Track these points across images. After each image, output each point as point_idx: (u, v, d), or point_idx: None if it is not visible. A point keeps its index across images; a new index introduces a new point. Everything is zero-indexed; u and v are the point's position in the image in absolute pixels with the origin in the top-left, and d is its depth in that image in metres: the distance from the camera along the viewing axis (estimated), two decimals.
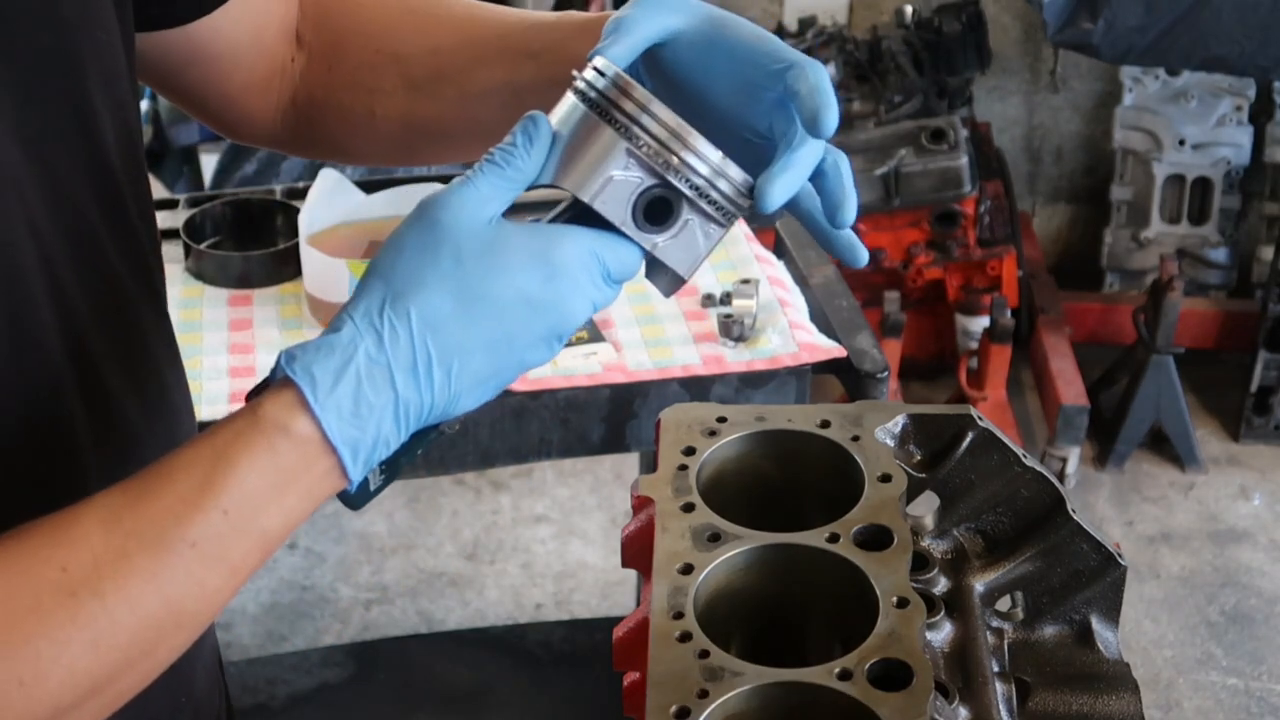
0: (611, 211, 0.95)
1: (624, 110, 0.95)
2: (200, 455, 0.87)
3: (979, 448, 1.17)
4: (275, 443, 0.86)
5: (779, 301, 2.07)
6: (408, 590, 3.31)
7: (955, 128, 3.58)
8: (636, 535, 1.10)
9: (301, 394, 0.86)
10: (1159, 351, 3.54)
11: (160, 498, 0.85)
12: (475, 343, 0.90)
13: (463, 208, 0.90)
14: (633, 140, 0.95)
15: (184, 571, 0.84)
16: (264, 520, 0.87)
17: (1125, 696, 1.14)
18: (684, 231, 0.97)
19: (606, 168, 0.95)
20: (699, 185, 0.96)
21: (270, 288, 2.18)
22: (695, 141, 0.95)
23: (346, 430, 0.87)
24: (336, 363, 0.87)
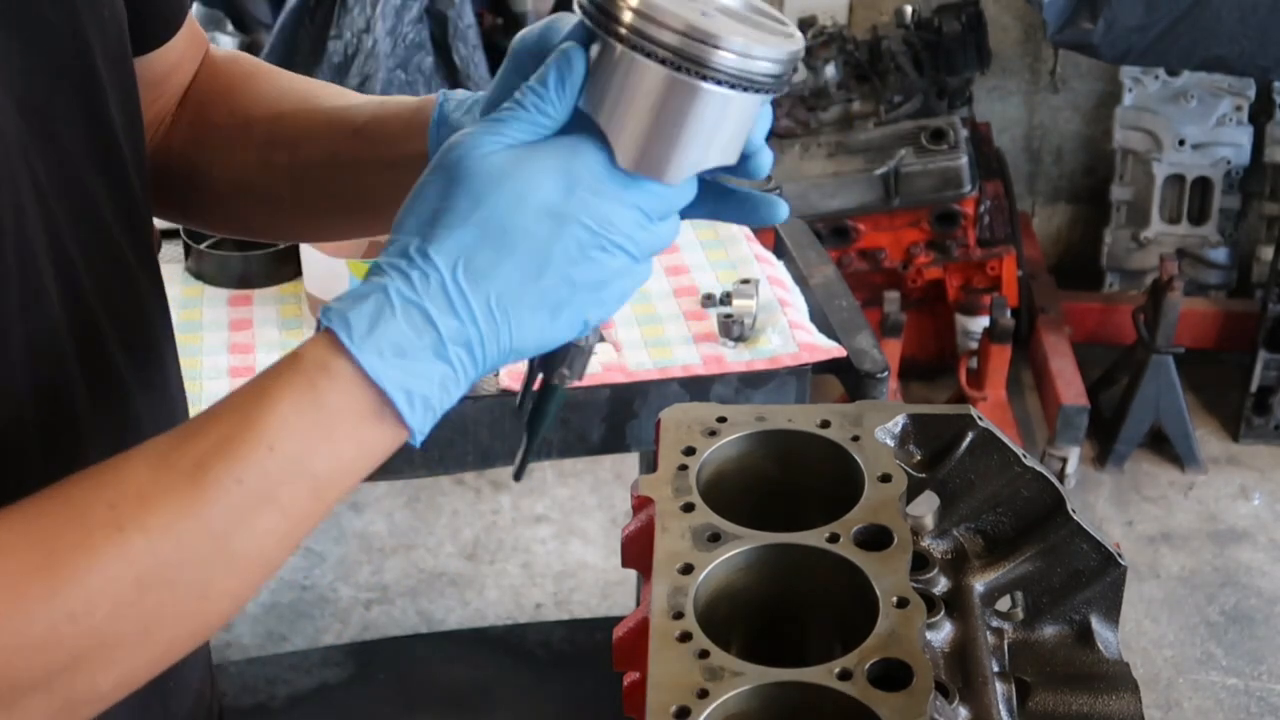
0: None
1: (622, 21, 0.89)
2: (243, 396, 0.87)
3: (979, 448, 1.17)
4: (315, 380, 0.86)
5: (779, 301, 2.07)
6: (408, 590, 3.31)
7: (955, 128, 3.58)
8: (636, 535, 1.10)
9: (337, 338, 0.86)
10: (1159, 351, 3.54)
11: (205, 435, 0.85)
12: (510, 269, 0.89)
13: (478, 146, 0.90)
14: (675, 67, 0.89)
15: (229, 507, 0.84)
16: (312, 462, 0.86)
17: (1125, 696, 1.14)
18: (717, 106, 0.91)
19: (630, 88, 0.90)
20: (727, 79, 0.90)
21: (270, 288, 2.18)
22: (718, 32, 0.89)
23: (390, 371, 0.86)
24: (370, 307, 0.87)
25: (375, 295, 0.87)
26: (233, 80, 1.21)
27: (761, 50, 0.91)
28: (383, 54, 3.21)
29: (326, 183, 1.14)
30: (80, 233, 0.98)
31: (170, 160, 1.18)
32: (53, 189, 0.96)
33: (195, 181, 1.19)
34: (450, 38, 3.31)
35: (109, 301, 1.02)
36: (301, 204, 1.18)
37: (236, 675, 2.70)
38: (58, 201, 0.96)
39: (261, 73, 1.23)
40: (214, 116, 1.19)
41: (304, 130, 1.16)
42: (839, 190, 3.54)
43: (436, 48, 3.33)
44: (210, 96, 1.20)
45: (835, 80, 3.85)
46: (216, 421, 0.86)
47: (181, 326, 2.10)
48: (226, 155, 1.18)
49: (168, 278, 2.24)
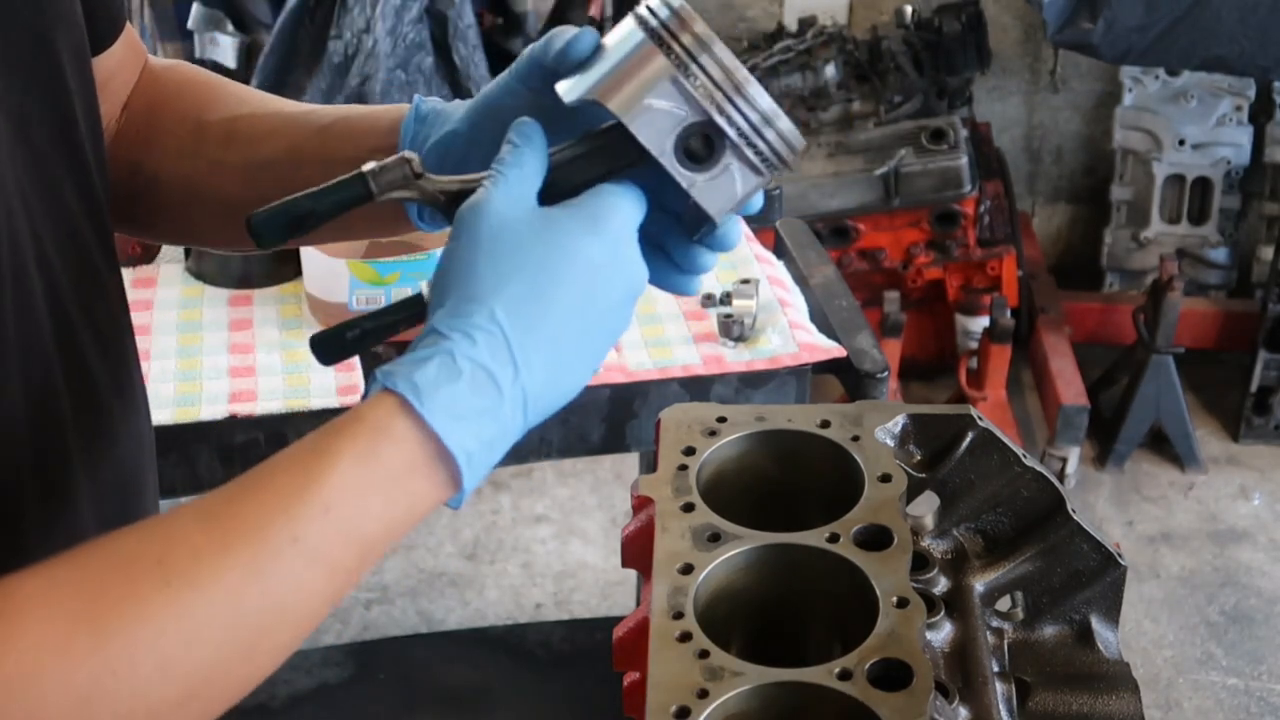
0: (650, 139, 0.94)
1: (682, 42, 0.93)
2: (300, 455, 0.86)
3: (979, 448, 1.17)
4: (378, 443, 0.86)
5: (779, 301, 2.07)
6: (408, 590, 3.31)
7: (955, 128, 3.58)
8: (636, 535, 1.10)
9: (404, 400, 0.86)
10: (1159, 351, 3.54)
11: (260, 493, 0.84)
12: (563, 322, 0.90)
13: (500, 206, 0.91)
14: (686, 73, 0.93)
15: (285, 567, 0.83)
16: (365, 523, 0.86)
17: (1125, 696, 1.14)
18: (723, 175, 0.95)
19: (653, 95, 0.93)
20: (745, 131, 0.94)
21: (270, 288, 2.18)
22: (749, 87, 0.94)
23: (456, 434, 0.86)
24: (434, 369, 0.87)
25: (440, 358, 0.87)
26: (179, 86, 1.21)
27: (798, 140, 0.97)
28: (383, 54, 3.21)
29: (285, 181, 1.12)
30: (57, 236, 0.98)
31: (116, 169, 1.18)
32: (32, 191, 0.96)
33: (141, 189, 1.19)
34: (450, 38, 3.31)
35: (84, 306, 1.02)
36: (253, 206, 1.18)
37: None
38: (37, 204, 0.96)
39: (209, 79, 1.23)
40: (163, 122, 1.19)
41: (265, 129, 1.16)
42: (839, 190, 3.54)
43: (436, 48, 3.32)
44: (157, 103, 1.20)
45: (835, 80, 3.85)
46: (275, 479, 0.85)
47: (181, 326, 2.11)
48: (176, 160, 1.18)
49: (168, 278, 2.25)
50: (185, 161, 1.18)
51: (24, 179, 0.95)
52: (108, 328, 1.07)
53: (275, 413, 1.91)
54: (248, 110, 1.17)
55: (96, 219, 1.05)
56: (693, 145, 0.94)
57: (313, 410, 1.91)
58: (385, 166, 0.97)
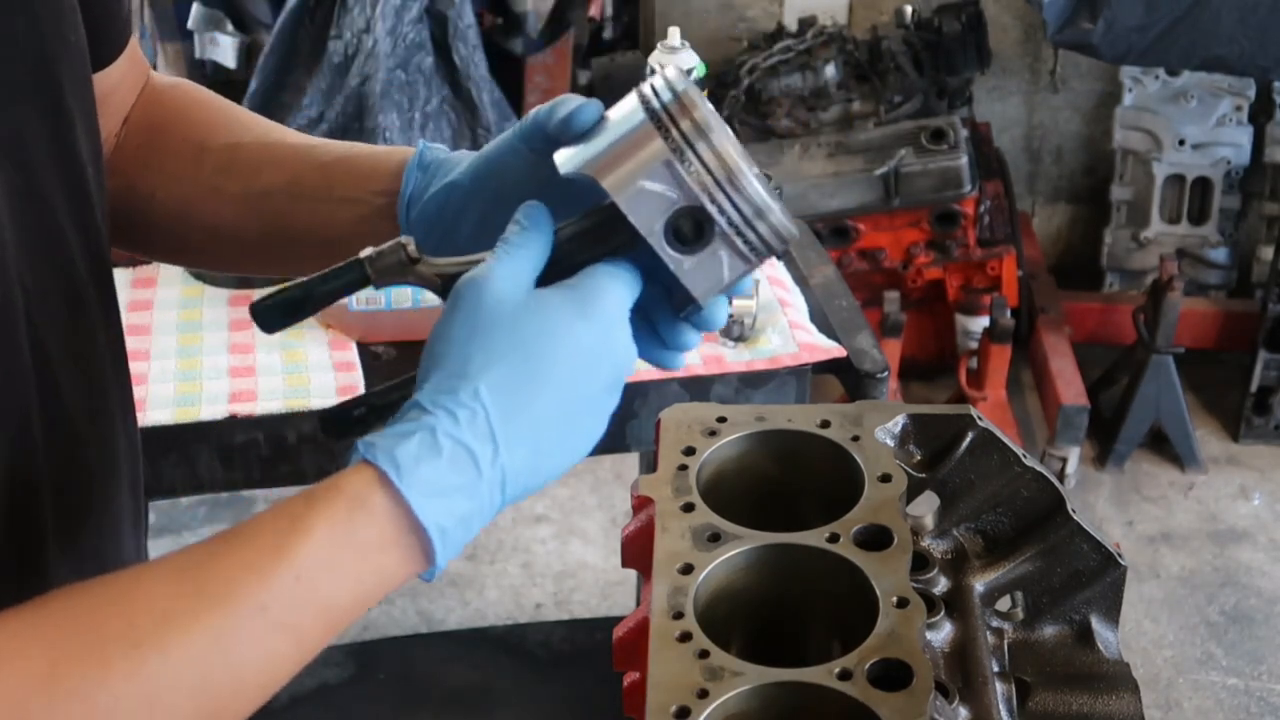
0: (640, 220, 0.95)
1: (680, 127, 0.94)
2: (275, 521, 0.86)
3: (979, 448, 1.17)
4: (354, 515, 0.85)
5: (779, 301, 2.06)
6: (408, 590, 3.31)
7: (955, 128, 3.58)
8: (636, 535, 1.10)
9: (383, 474, 0.86)
10: (1159, 351, 3.54)
11: (231, 559, 0.84)
12: (548, 406, 0.90)
13: (499, 285, 0.92)
14: (681, 159, 0.94)
15: (252, 635, 0.83)
16: (335, 595, 0.86)
17: (1125, 696, 1.14)
18: (711, 259, 0.96)
19: (647, 178, 0.94)
20: (736, 222, 0.95)
21: (271, 288, 2.18)
22: (743, 180, 0.94)
23: (432, 510, 0.86)
24: (415, 445, 0.86)
25: (421, 434, 0.87)
26: (183, 108, 1.21)
27: (790, 232, 0.97)
28: (383, 54, 3.21)
29: (282, 213, 1.14)
30: (36, 259, 0.97)
31: (112, 185, 1.17)
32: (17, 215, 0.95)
33: (135, 206, 1.18)
34: (450, 38, 3.31)
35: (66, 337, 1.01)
36: (247, 233, 1.17)
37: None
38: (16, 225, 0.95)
39: (213, 101, 1.23)
40: (164, 142, 1.19)
41: (266, 158, 1.16)
42: (839, 190, 3.54)
43: (436, 48, 3.32)
44: (159, 123, 1.20)
45: (835, 80, 3.85)
46: (247, 544, 0.85)
47: (182, 326, 2.11)
48: (174, 182, 1.17)
49: (168, 278, 2.25)
50: (184, 185, 1.17)
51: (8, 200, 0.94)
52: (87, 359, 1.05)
53: (275, 413, 1.91)
54: (250, 138, 1.17)
55: (91, 247, 1.04)
56: (683, 228, 0.95)
57: (313, 410, 1.91)
58: (382, 253, 0.98)
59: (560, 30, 3.69)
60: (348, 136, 3.27)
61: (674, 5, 4.08)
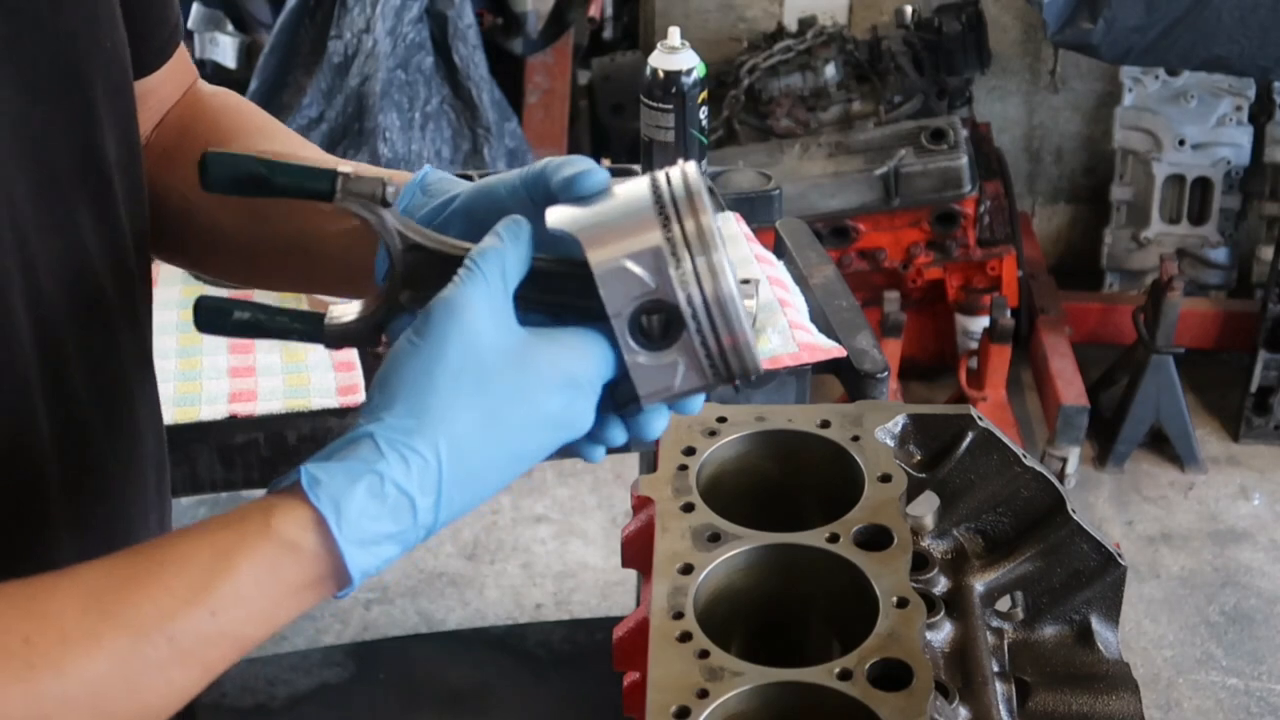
0: (611, 299, 0.91)
1: (683, 227, 0.91)
2: (199, 553, 0.84)
3: (979, 448, 1.17)
4: (282, 559, 0.85)
5: (779, 301, 2.06)
6: (408, 590, 3.31)
7: (955, 128, 3.58)
8: (636, 535, 1.10)
9: (321, 518, 0.84)
10: (1159, 351, 3.54)
11: (147, 587, 0.83)
12: (495, 463, 0.89)
13: (478, 321, 0.88)
14: (674, 256, 0.90)
15: (156, 665, 0.82)
16: (248, 629, 0.85)
17: (1125, 696, 1.14)
18: (667, 364, 0.92)
19: (632, 259, 0.91)
20: (704, 328, 0.92)
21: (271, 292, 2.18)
22: (731, 305, 0.92)
23: (362, 559, 0.86)
24: (362, 494, 0.85)
25: (369, 479, 0.85)
26: (214, 112, 1.21)
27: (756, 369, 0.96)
28: (383, 54, 3.21)
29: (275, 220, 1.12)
30: (58, 265, 0.97)
31: None
32: (34, 216, 0.95)
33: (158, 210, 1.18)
34: (450, 38, 3.31)
35: (80, 333, 1.00)
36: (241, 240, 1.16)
37: (236, 675, 2.70)
38: (37, 230, 0.95)
39: (243, 108, 1.22)
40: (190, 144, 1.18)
41: None
42: (839, 190, 3.54)
43: (436, 48, 3.32)
44: (189, 125, 1.20)
45: (835, 80, 3.85)
46: (162, 573, 0.83)
47: (181, 326, 2.11)
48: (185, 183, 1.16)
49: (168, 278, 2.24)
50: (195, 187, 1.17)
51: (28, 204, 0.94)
52: (106, 361, 1.05)
53: (275, 413, 1.91)
54: (270, 148, 1.16)
55: (116, 255, 1.04)
56: (649, 323, 0.92)
57: (313, 410, 1.90)
58: (361, 177, 0.94)
59: (560, 30, 3.69)
60: (348, 136, 3.27)
61: (674, 5, 4.08)
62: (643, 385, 0.93)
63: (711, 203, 0.93)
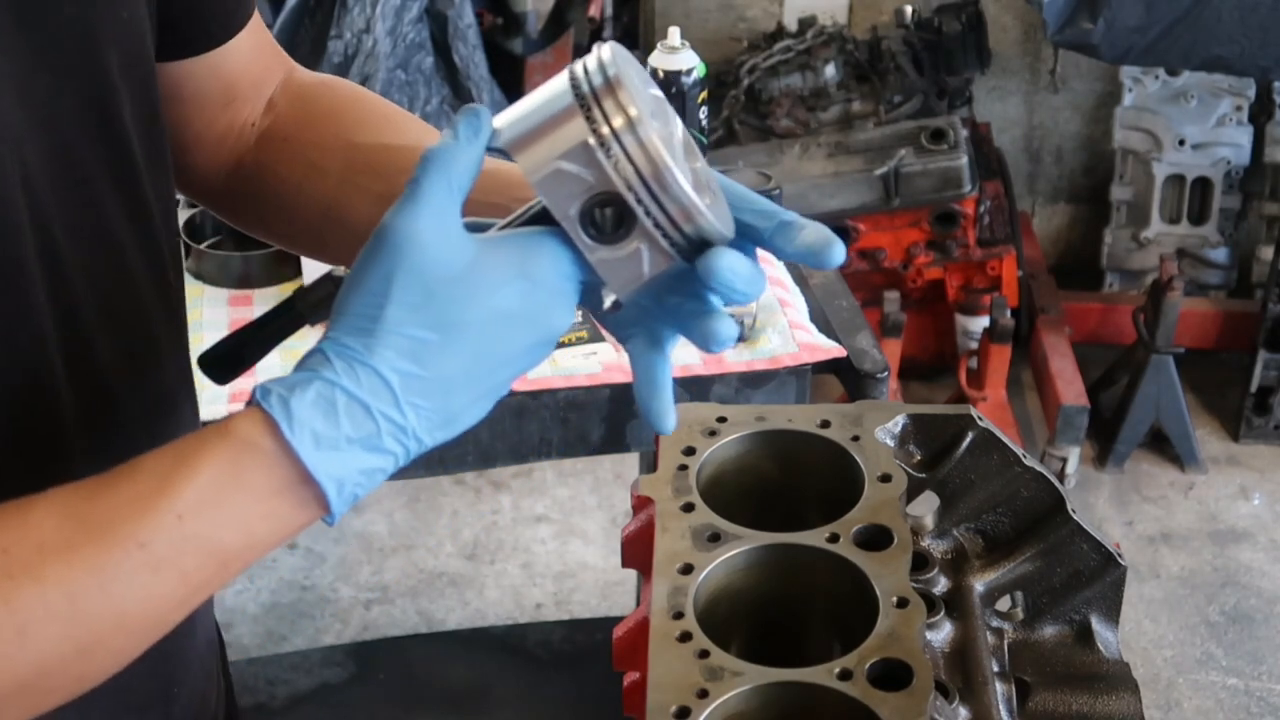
0: (553, 202, 0.89)
1: (605, 111, 0.89)
2: (162, 458, 0.85)
3: (979, 448, 1.17)
4: (240, 457, 0.84)
5: (779, 301, 2.06)
6: (408, 590, 3.31)
7: (955, 128, 3.58)
8: (636, 535, 1.10)
9: (274, 421, 0.84)
10: (1159, 351, 3.54)
11: (116, 493, 0.83)
12: (459, 368, 0.88)
13: (421, 230, 0.88)
14: (602, 144, 0.88)
15: (130, 570, 0.82)
16: (221, 535, 0.84)
17: (1125, 696, 1.14)
18: (631, 253, 0.90)
19: (563, 157, 0.89)
20: (659, 220, 0.89)
21: (270, 288, 2.18)
22: (667, 175, 0.88)
23: (325, 462, 0.85)
24: (311, 396, 0.85)
25: (318, 384, 0.85)
26: (337, 102, 1.20)
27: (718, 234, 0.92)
28: (383, 54, 3.21)
29: None
30: (79, 240, 0.97)
31: (254, 175, 1.17)
32: (48, 183, 0.94)
33: (283, 196, 1.18)
34: (450, 38, 3.31)
35: (103, 304, 1.00)
36: None
37: (236, 675, 2.69)
38: (52, 197, 0.95)
39: (365, 98, 1.21)
40: (315, 136, 1.17)
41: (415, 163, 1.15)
42: (839, 190, 3.54)
43: (436, 48, 3.32)
44: (310, 116, 1.19)
45: (835, 80, 3.85)
46: (131, 480, 0.84)
47: None
48: (319, 175, 1.16)
49: None
50: (329, 180, 1.15)
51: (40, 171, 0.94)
52: (134, 333, 1.04)
53: None
54: (404, 141, 1.14)
55: (139, 219, 1.03)
56: (600, 217, 0.90)
57: None
58: (312, 287, 0.97)
59: (560, 30, 3.69)
60: None
61: (674, 5, 4.08)
62: (612, 280, 0.91)
63: (636, 74, 0.91)
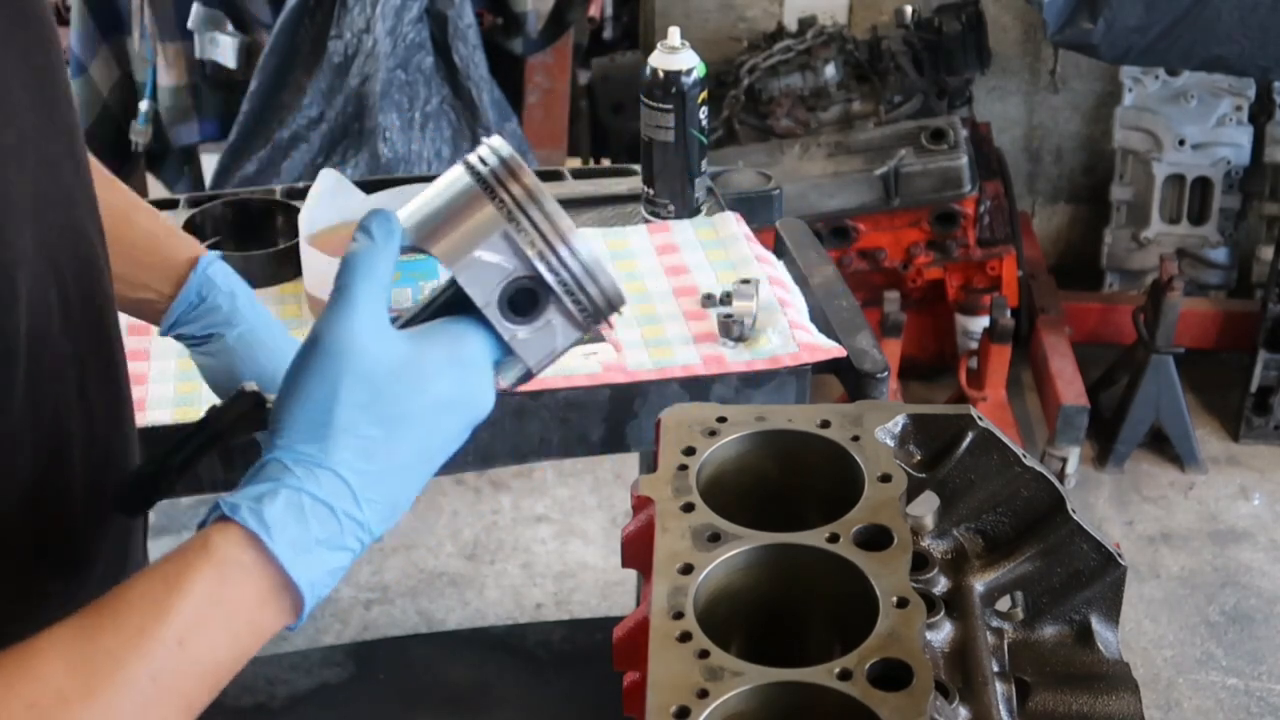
0: (476, 291, 0.95)
1: (511, 193, 0.94)
2: (152, 586, 0.88)
3: (979, 448, 1.17)
4: (227, 576, 0.88)
5: (779, 301, 2.06)
6: (408, 590, 3.31)
7: (955, 128, 3.58)
8: (636, 535, 1.10)
9: (252, 534, 0.89)
10: (1159, 351, 3.54)
11: (117, 630, 0.86)
12: (405, 458, 0.94)
13: (358, 333, 0.93)
14: (514, 224, 0.94)
15: (143, 706, 0.85)
16: (217, 655, 0.89)
17: (1125, 696, 1.14)
18: (545, 328, 0.97)
19: (482, 246, 0.95)
20: (569, 284, 0.96)
21: (270, 288, 2.18)
22: (575, 239, 0.95)
23: (301, 567, 0.90)
24: (281, 505, 0.89)
25: (285, 493, 0.90)
26: None
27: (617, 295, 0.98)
28: (383, 54, 3.21)
29: None
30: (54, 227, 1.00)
31: None
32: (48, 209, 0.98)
33: None
34: (450, 38, 3.31)
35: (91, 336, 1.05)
36: None
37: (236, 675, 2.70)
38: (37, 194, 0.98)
39: None
40: None
41: None
42: (839, 190, 3.54)
43: (436, 48, 3.32)
44: None
45: (835, 80, 3.85)
46: (127, 612, 0.87)
47: None
48: None
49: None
50: None
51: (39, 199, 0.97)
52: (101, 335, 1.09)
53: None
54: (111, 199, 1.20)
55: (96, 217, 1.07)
56: (518, 299, 0.96)
57: None
58: (226, 406, 1.01)
59: (560, 30, 3.69)
60: (348, 136, 3.28)
61: (674, 5, 4.08)
62: (529, 356, 0.98)
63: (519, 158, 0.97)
